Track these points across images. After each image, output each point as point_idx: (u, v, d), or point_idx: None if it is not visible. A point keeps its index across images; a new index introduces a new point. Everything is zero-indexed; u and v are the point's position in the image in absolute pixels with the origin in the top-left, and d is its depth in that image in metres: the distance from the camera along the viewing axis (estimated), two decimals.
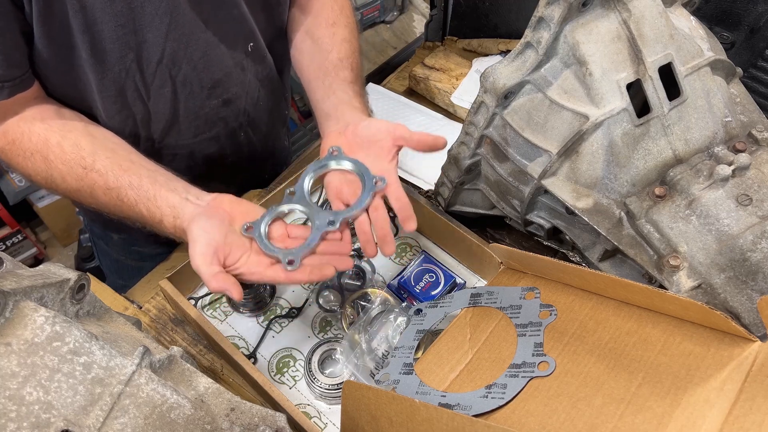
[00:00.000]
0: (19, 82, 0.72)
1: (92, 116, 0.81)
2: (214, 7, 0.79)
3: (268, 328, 0.86)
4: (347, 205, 0.70)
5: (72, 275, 0.51)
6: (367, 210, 0.68)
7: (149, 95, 0.82)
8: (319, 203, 1.00)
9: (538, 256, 0.70)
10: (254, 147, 1.03)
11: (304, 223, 0.76)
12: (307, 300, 0.89)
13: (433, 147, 0.71)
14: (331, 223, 0.65)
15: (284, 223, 0.69)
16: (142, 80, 0.80)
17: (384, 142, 0.71)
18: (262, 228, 0.66)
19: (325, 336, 0.86)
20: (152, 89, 0.82)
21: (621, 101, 0.66)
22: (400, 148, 0.72)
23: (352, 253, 0.83)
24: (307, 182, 0.71)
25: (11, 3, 0.66)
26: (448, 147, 0.84)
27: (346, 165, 0.70)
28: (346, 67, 0.86)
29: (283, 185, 0.95)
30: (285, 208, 0.69)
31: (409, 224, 0.69)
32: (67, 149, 0.74)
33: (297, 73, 0.94)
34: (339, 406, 0.74)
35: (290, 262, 0.63)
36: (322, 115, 0.82)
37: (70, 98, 0.80)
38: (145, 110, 0.84)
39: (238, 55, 0.88)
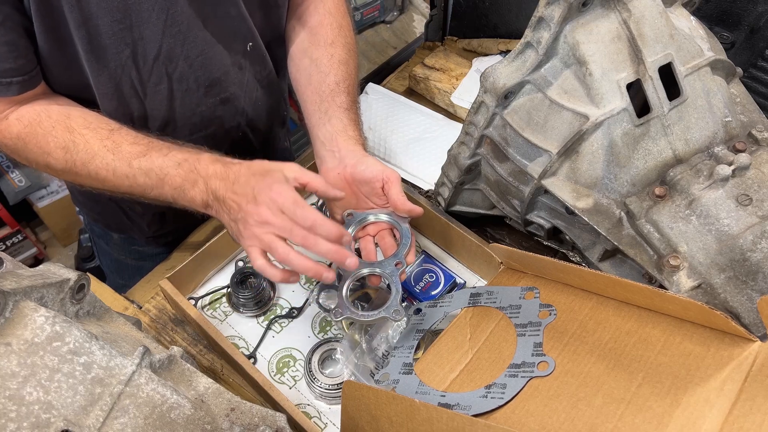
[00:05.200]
0: (29, 78, 0.72)
1: (96, 109, 0.81)
2: (212, 5, 0.79)
3: (268, 328, 0.86)
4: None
5: (72, 275, 0.51)
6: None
7: (145, 92, 0.82)
8: (319, 203, 1.00)
9: (538, 256, 0.70)
10: (252, 147, 1.03)
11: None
12: (307, 300, 0.89)
13: (407, 212, 0.79)
14: (399, 264, 0.77)
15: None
16: (138, 77, 0.79)
17: (377, 183, 0.79)
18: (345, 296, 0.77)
19: (325, 336, 0.86)
20: (148, 86, 0.81)
21: (621, 101, 0.66)
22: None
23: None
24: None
25: None
26: (448, 147, 0.85)
27: (383, 218, 0.82)
28: (342, 92, 0.87)
29: None
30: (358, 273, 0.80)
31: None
32: (90, 118, 0.76)
33: (294, 89, 0.95)
34: (339, 406, 0.74)
35: (395, 313, 0.73)
36: (317, 141, 0.86)
37: (72, 92, 0.80)
38: (141, 107, 0.84)
39: (236, 54, 0.88)
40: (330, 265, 0.75)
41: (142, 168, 0.72)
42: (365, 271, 0.79)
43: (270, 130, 1.06)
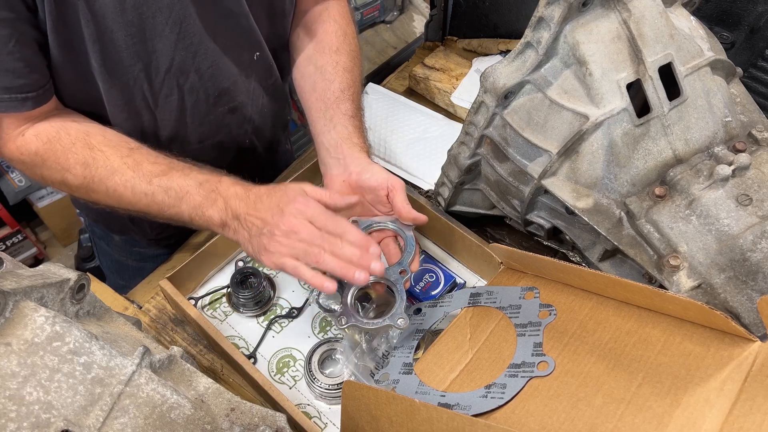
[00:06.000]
0: (42, 93, 0.73)
1: (106, 121, 0.81)
2: (223, 18, 0.80)
3: (268, 328, 0.86)
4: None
5: (72, 275, 0.51)
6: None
7: (156, 104, 0.82)
8: None
9: (538, 256, 0.70)
10: (257, 152, 1.04)
11: None
12: (307, 300, 0.89)
13: (412, 220, 0.79)
14: (403, 271, 0.78)
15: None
16: (149, 89, 0.80)
17: (381, 191, 0.80)
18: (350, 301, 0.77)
19: (325, 336, 0.86)
20: (159, 98, 0.82)
21: (621, 101, 0.66)
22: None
23: None
24: None
25: (27, 9, 0.66)
26: (448, 147, 0.85)
27: (388, 225, 0.82)
28: (347, 99, 0.88)
29: None
30: None
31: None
32: (110, 137, 0.76)
33: (298, 96, 0.95)
34: (339, 406, 0.74)
35: (400, 321, 0.73)
36: (322, 148, 0.86)
37: (81, 106, 0.80)
38: (151, 118, 0.84)
39: (244, 64, 0.88)
40: None
41: (162, 186, 0.73)
42: (370, 278, 0.79)
43: (274, 135, 1.07)
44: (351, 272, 0.68)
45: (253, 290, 0.85)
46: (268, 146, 1.06)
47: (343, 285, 0.78)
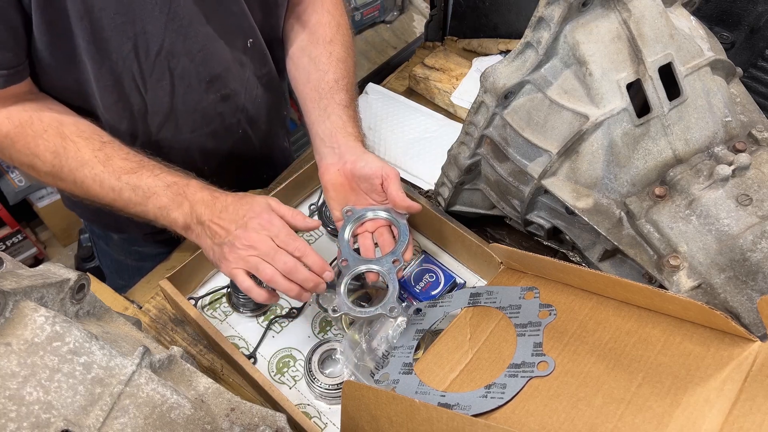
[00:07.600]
0: (14, 72, 0.72)
1: (90, 110, 0.81)
2: (214, 1, 0.80)
3: (268, 328, 0.86)
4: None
5: (72, 275, 0.51)
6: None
7: (147, 87, 0.82)
8: (319, 203, 1.00)
9: (538, 256, 0.70)
10: (252, 145, 1.03)
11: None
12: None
13: (406, 208, 0.80)
14: (396, 261, 0.78)
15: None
16: (139, 71, 0.80)
17: (376, 180, 0.80)
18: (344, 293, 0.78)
19: (325, 336, 0.86)
20: (150, 81, 0.81)
21: (621, 101, 0.66)
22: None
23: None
24: (348, 232, 0.82)
25: None
26: (448, 147, 0.85)
27: (382, 215, 0.82)
28: (341, 89, 0.88)
29: (283, 185, 0.95)
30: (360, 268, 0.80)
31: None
32: (83, 128, 0.76)
33: (293, 88, 0.95)
34: (339, 406, 0.74)
35: (392, 309, 0.75)
36: (317, 138, 0.87)
37: (67, 90, 0.79)
38: (142, 102, 0.84)
39: (237, 50, 0.88)
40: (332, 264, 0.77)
41: (130, 183, 0.74)
42: (362, 267, 0.79)
43: (270, 128, 1.07)
44: (300, 295, 0.71)
45: None
46: (263, 140, 1.06)
47: (337, 274, 0.79)
